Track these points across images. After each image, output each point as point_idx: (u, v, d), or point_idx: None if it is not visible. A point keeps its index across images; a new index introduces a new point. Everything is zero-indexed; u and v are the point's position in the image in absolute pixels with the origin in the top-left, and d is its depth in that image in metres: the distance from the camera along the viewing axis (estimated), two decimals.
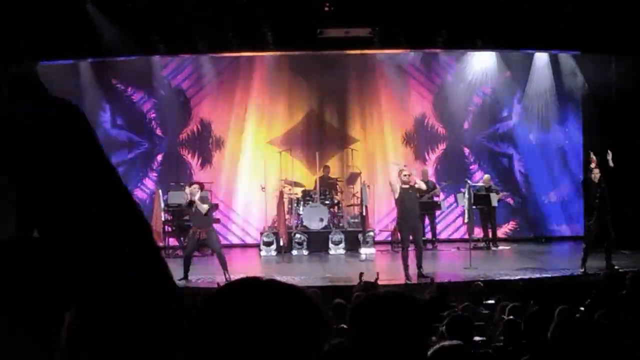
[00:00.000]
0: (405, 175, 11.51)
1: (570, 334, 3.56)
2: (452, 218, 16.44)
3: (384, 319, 2.02)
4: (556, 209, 16.75)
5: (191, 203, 11.78)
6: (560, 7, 12.81)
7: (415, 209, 11.67)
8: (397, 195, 11.51)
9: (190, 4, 12.65)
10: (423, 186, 12.27)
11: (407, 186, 11.47)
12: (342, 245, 14.76)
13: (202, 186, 12.37)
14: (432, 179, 15.87)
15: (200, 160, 16.72)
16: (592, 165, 11.88)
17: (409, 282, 11.19)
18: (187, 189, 11.96)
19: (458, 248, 14.97)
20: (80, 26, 12.55)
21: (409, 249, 11.53)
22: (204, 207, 11.67)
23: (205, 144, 16.73)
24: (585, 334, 3.51)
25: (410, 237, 11.53)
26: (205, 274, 12.15)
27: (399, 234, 12.45)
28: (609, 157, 11.82)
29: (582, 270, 11.75)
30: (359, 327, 2.07)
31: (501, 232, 16.09)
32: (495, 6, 12.94)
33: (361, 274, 9.51)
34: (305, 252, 14.74)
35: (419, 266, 11.47)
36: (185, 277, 11.47)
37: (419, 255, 11.55)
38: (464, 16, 13.14)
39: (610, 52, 14.43)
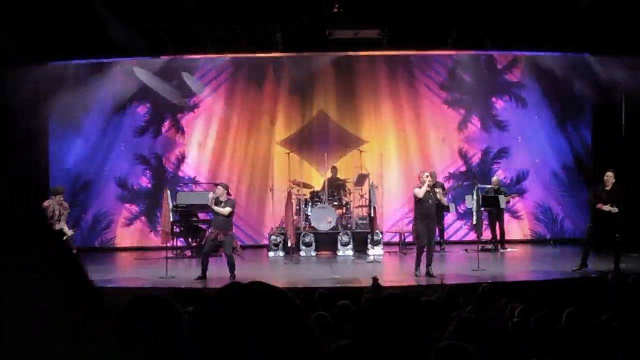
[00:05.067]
0: (427, 177, 11.88)
1: (579, 336, 3.55)
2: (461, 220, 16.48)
3: (388, 321, 2.03)
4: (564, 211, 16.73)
5: (216, 203, 11.93)
6: (570, 8, 12.77)
7: (434, 210, 12.14)
8: (421, 196, 11.78)
9: (201, 5, 12.68)
10: (444, 200, 12.37)
11: (428, 189, 11.79)
12: (351, 246, 14.77)
13: (228, 188, 12.42)
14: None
15: (208, 161, 16.75)
16: (606, 178, 11.98)
17: (417, 276, 11.43)
18: (215, 190, 12.10)
19: (466, 250, 14.94)
20: (89, 25, 12.63)
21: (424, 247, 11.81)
22: (226, 211, 11.83)
23: (213, 145, 16.76)
24: (593, 337, 3.51)
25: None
26: (217, 274, 12.22)
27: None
28: (612, 176, 11.94)
29: (575, 269, 11.86)
30: (364, 329, 2.07)
31: None
32: (504, 7, 12.92)
33: (374, 279, 9.50)
34: (313, 254, 14.74)
35: (429, 264, 11.76)
36: (203, 276, 11.64)
37: (429, 256, 11.80)
38: (473, 17, 13.13)
39: (621, 53, 14.35)
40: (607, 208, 11.78)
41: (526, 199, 16.78)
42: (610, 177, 11.91)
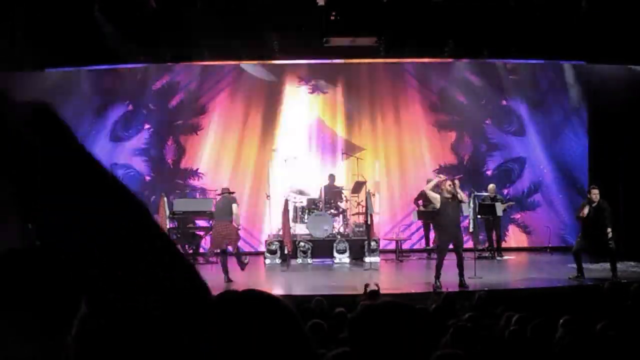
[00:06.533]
0: (450, 186, 11.53)
1: (575, 344, 3.55)
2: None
3: (383, 329, 2.02)
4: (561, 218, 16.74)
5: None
6: (567, 17, 12.81)
7: (457, 218, 11.69)
8: (438, 205, 11.55)
9: (198, 13, 12.70)
10: (465, 198, 12.14)
11: (449, 196, 11.48)
12: (347, 254, 14.75)
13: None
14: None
15: (204, 167, 16.75)
16: (593, 196, 12.15)
17: (438, 290, 11.00)
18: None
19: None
20: (87, 33, 12.63)
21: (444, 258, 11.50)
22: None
23: (211, 151, 16.75)
24: (589, 345, 3.50)
25: (450, 246, 11.49)
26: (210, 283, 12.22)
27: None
28: (596, 193, 12.08)
29: (572, 277, 11.96)
30: (359, 337, 2.07)
31: None
32: (501, 16, 12.95)
33: (366, 285, 9.47)
34: (309, 261, 14.71)
35: (462, 274, 11.42)
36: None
37: (460, 264, 11.47)
38: (470, 26, 13.16)
39: (617, 61, 14.39)
40: (586, 211, 11.99)
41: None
42: (595, 195, 12.13)
